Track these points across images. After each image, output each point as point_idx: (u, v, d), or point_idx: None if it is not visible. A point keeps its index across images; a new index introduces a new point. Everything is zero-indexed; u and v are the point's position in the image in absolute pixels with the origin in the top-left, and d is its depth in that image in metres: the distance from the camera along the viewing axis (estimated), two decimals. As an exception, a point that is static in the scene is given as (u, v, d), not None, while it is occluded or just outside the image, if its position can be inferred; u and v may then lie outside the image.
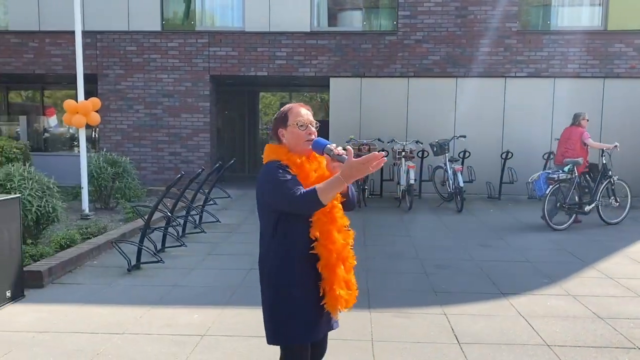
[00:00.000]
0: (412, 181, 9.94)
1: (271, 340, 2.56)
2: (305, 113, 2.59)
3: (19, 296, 5.05)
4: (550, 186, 8.27)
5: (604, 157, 8.79)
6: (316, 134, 2.60)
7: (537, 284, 5.55)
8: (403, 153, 10.56)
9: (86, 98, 8.91)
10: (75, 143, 14.29)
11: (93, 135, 13.86)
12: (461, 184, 9.94)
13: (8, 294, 4.90)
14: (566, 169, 8.46)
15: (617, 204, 8.82)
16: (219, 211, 9.50)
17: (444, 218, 9.31)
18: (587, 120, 8.91)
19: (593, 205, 8.64)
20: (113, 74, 12.37)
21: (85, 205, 8.84)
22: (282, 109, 2.61)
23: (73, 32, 8.67)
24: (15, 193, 6.41)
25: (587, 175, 9.03)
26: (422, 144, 11.17)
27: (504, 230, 8.30)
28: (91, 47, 12.26)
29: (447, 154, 10.58)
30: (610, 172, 8.78)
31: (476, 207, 10.43)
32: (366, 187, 10.48)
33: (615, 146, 8.74)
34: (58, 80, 13.72)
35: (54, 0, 12.14)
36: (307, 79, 12.90)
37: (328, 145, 2.48)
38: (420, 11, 11.95)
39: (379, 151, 10.69)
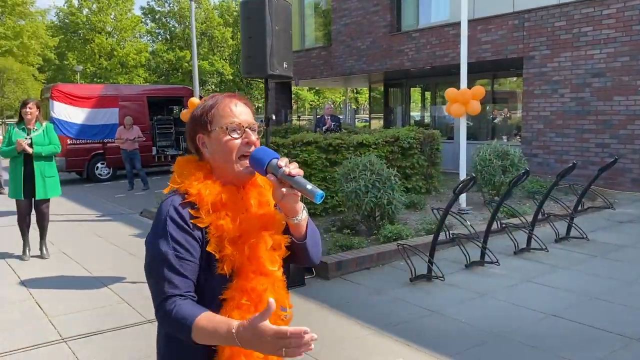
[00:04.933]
0: None
1: None
2: (239, 111, 1.60)
3: (299, 284, 5.32)
4: None
5: None
6: (258, 144, 1.58)
7: None
8: None
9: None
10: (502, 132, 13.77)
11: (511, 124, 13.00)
12: None
13: (284, 280, 5.22)
14: None
15: None
16: (614, 225, 7.27)
17: None
18: None
19: None
20: (539, 55, 11.15)
21: (462, 198, 8.44)
22: (201, 102, 1.65)
23: (502, 16, 8.39)
24: (353, 182, 6.80)
25: None
26: None
27: None
28: (519, 29, 11.42)
29: None
30: None
31: None
32: None
33: None
34: (483, 69, 13.22)
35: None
36: None
37: (273, 161, 1.48)
38: None
39: None
